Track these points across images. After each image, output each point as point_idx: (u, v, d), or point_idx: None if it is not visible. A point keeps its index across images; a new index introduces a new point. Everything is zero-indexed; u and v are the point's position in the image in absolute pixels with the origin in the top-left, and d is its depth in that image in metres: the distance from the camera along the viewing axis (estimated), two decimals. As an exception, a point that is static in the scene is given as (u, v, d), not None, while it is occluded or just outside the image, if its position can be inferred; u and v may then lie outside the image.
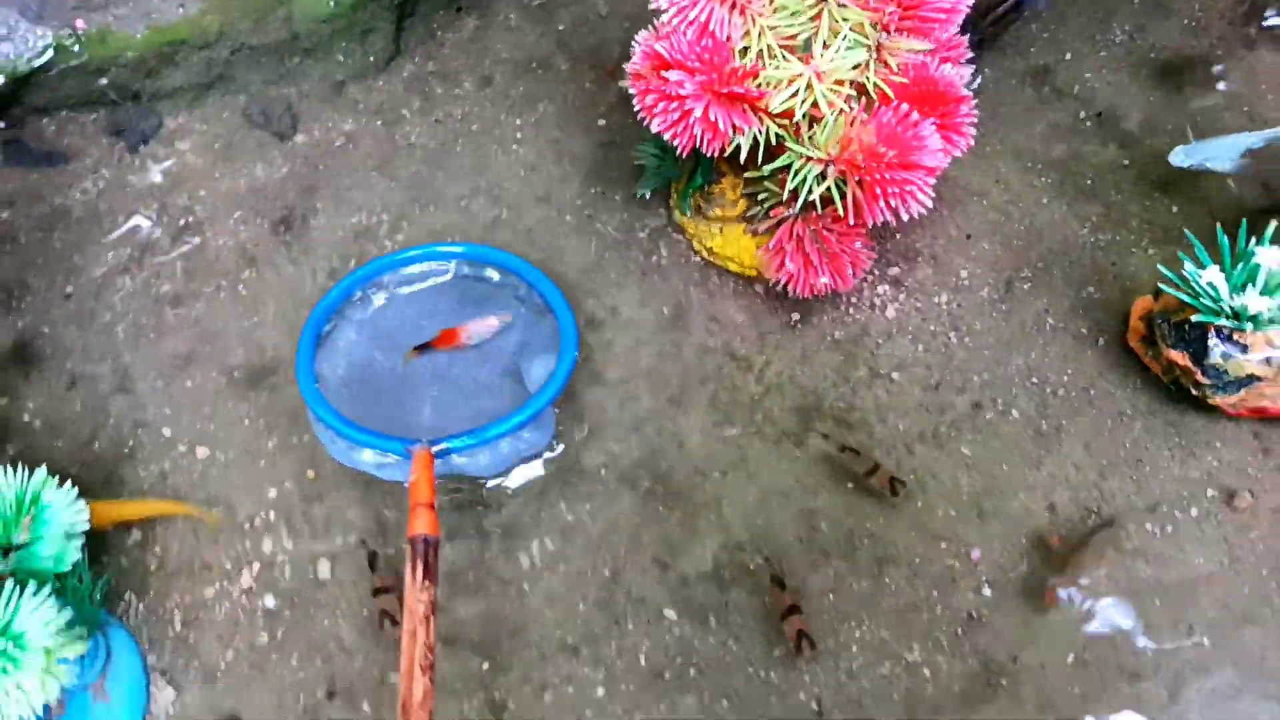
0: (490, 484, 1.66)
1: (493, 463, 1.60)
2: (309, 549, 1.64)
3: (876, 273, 1.80)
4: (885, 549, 1.56)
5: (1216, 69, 2.04)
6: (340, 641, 1.56)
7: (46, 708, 1.48)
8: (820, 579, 1.55)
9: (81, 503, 1.50)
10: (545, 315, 1.69)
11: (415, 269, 1.78)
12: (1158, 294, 1.63)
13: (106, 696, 1.54)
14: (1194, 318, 1.50)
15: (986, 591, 1.51)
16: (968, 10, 1.53)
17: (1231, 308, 1.48)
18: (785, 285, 1.70)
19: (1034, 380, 1.68)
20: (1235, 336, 1.51)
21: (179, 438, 1.75)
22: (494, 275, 1.75)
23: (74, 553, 1.48)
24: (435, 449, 1.52)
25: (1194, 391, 1.57)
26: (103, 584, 1.55)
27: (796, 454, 1.65)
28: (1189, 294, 1.51)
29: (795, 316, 1.78)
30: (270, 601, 1.60)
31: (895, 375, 1.70)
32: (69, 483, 1.49)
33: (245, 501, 1.69)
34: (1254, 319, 1.48)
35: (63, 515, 1.48)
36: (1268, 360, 1.50)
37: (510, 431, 1.55)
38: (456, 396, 1.66)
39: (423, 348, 1.69)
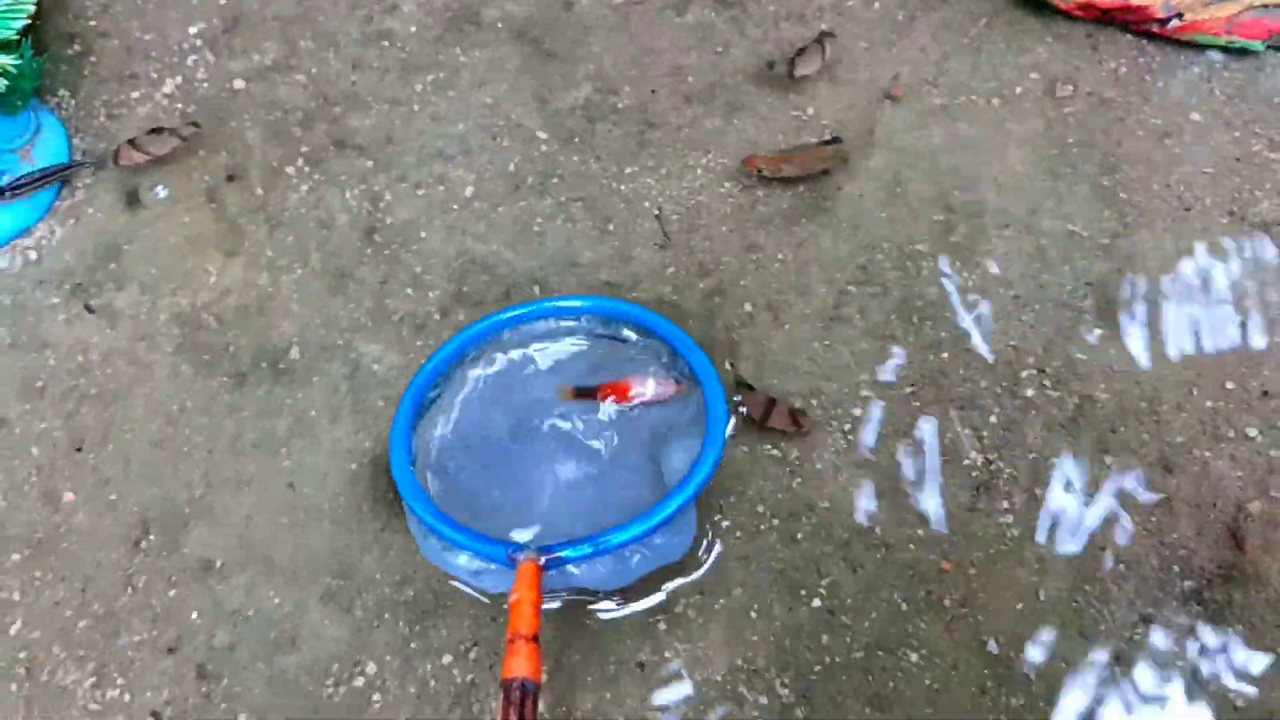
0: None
1: (616, 574, 1.30)
2: (227, 68, 1.82)
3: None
4: (740, 99, 1.73)
5: None
6: (244, 140, 1.74)
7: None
8: (677, 117, 1.72)
9: (24, -20, 1.68)
10: (691, 389, 1.42)
11: (540, 326, 1.51)
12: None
13: (33, 161, 1.72)
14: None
15: (828, 136, 1.69)
16: None
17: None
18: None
19: (898, -19, 1.84)
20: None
21: (121, -23, 1.93)
22: (632, 335, 1.50)
23: (20, 20, 1.65)
24: (544, 559, 1.22)
25: (1032, -18, 1.73)
26: (40, 63, 1.72)
27: (676, 21, 1.82)
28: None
29: (692, -82, 1.93)
30: (189, 107, 1.78)
31: (773, -32, 1.87)
32: (14, -39, 1.66)
33: (174, 30, 1.86)
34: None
35: (7, -15, 1.66)
36: (1096, -53, 1.65)
37: (640, 538, 1.26)
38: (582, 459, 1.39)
39: (582, 393, 1.42)
